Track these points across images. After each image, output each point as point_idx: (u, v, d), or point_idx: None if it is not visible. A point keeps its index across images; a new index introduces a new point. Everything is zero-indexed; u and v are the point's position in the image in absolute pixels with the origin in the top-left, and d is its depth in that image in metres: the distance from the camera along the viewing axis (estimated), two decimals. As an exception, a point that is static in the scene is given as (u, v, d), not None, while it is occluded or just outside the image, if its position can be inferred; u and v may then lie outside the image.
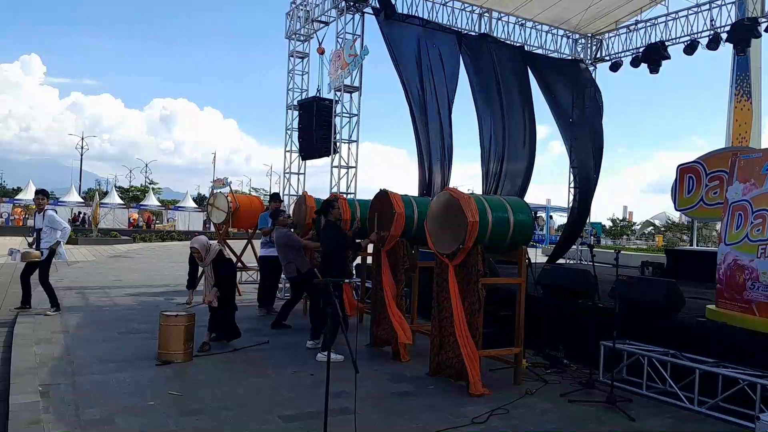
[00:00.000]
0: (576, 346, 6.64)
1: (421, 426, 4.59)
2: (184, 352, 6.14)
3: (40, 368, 5.69)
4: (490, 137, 13.85)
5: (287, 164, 14.57)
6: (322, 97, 13.46)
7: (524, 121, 14.29)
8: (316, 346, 6.70)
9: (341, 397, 4.96)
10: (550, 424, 4.76)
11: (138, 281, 12.89)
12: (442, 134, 12.96)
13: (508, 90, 14.03)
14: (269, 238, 9.27)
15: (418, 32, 13.04)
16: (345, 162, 12.59)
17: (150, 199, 48.66)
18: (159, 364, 5.97)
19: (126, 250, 24.09)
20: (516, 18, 15.34)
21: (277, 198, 10.05)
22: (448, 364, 5.81)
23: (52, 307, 8.60)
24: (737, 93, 17.33)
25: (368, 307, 7.79)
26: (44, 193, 9.10)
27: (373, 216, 7.25)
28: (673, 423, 4.92)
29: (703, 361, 5.27)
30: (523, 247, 6.01)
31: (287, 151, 14.54)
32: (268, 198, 11.12)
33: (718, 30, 13.36)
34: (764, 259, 5.42)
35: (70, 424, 4.29)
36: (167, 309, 7.12)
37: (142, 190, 56.09)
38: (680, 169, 11.26)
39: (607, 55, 16.41)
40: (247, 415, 4.65)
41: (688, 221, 32.85)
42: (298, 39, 14.77)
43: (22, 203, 42.86)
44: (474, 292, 5.62)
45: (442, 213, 5.96)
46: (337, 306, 3.90)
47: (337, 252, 6.92)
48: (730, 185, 6.02)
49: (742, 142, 16.80)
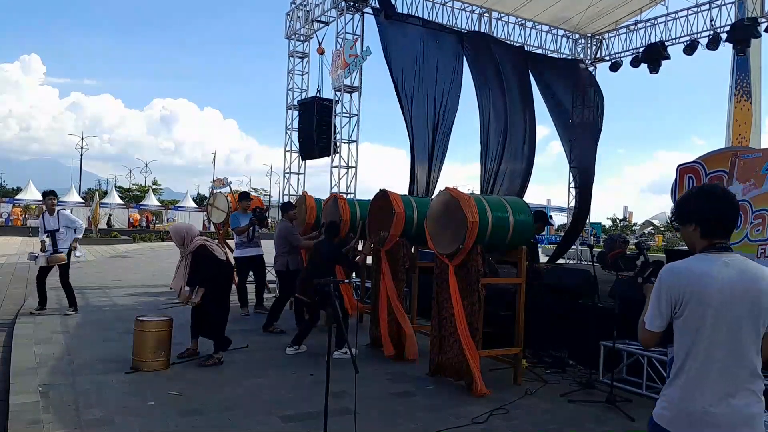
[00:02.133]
0: (576, 346, 6.64)
1: (421, 426, 4.59)
2: (154, 359, 5.72)
3: (40, 368, 5.69)
4: (489, 136, 13.85)
5: (287, 164, 14.58)
6: (322, 97, 13.48)
7: (525, 120, 14.30)
8: (297, 352, 6.59)
9: (341, 397, 4.96)
10: (550, 424, 4.77)
11: (138, 281, 12.89)
12: (443, 134, 12.97)
13: (509, 89, 14.04)
14: (245, 238, 9.02)
15: (420, 32, 13.05)
16: (345, 162, 12.60)
17: (150, 199, 48.70)
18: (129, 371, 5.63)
19: (126, 250, 24.08)
20: (516, 18, 15.35)
21: (247, 197, 9.74)
22: (448, 364, 5.81)
23: (71, 307, 8.54)
24: (737, 93, 17.31)
25: (368, 307, 7.78)
26: (54, 193, 8.90)
27: (372, 222, 7.21)
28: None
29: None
30: (523, 247, 6.02)
31: (287, 151, 14.55)
32: (267, 198, 11.08)
33: (717, 30, 13.38)
34: (764, 259, 5.42)
35: (70, 424, 4.29)
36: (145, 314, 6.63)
37: (144, 189, 56.11)
38: (680, 169, 11.25)
39: (607, 55, 16.42)
40: (247, 416, 4.65)
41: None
42: (298, 39, 14.78)
43: (22, 203, 42.86)
44: (474, 292, 5.62)
45: (442, 213, 5.96)
46: (337, 306, 3.90)
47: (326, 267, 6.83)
48: (729, 185, 6.03)
49: (741, 142, 16.77)
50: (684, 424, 2.19)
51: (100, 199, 39.51)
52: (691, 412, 2.18)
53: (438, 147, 12.94)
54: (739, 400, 2.16)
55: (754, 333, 2.19)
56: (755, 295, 2.18)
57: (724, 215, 2.26)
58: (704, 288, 2.17)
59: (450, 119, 13.12)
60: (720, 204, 2.27)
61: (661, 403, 2.29)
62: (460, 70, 13.44)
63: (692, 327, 2.20)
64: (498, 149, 13.84)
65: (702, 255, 2.25)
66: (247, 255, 9.11)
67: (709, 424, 2.15)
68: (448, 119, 13.10)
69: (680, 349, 2.25)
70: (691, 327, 2.20)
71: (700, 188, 2.38)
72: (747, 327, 2.18)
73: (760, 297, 2.18)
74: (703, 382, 2.18)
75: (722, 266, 2.19)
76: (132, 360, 5.78)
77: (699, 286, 2.18)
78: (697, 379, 2.19)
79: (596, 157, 15.53)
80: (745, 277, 2.19)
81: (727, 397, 2.15)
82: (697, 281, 2.19)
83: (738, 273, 2.19)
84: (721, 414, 2.15)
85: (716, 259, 2.21)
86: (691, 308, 2.19)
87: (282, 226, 8.42)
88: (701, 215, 2.27)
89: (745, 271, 2.20)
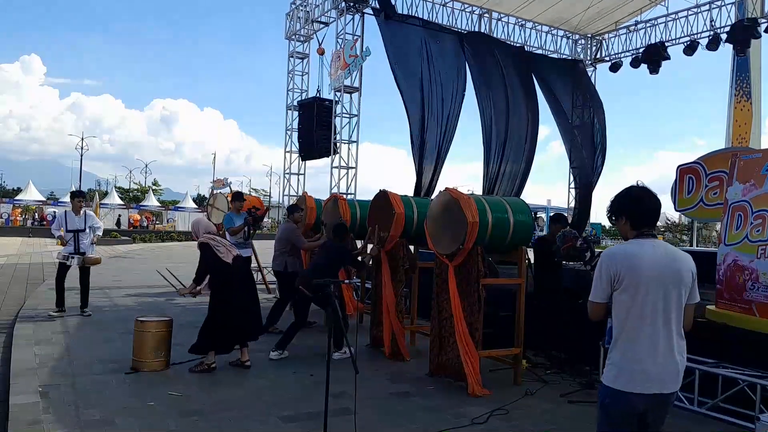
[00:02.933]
0: (576, 346, 6.63)
1: (420, 426, 4.59)
2: (154, 360, 5.71)
3: (41, 369, 5.69)
4: (492, 136, 13.83)
5: (287, 165, 14.59)
6: (322, 98, 13.48)
7: (527, 120, 14.29)
8: (281, 356, 6.52)
9: (341, 397, 4.96)
10: (550, 425, 4.77)
11: (138, 282, 12.89)
12: (443, 134, 12.96)
13: (511, 89, 14.04)
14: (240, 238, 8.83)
15: (420, 32, 13.04)
16: (345, 162, 12.60)
17: (150, 200, 48.69)
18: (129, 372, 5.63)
19: (126, 251, 24.08)
20: (516, 18, 15.35)
21: (240, 197, 9.57)
22: (448, 365, 5.81)
23: (86, 308, 8.53)
24: (737, 94, 17.31)
25: (368, 308, 7.78)
26: (82, 194, 8.91)
27: (372, 226, 7.20)
28: (672, 423, 4.90)
29: (702, 361, 5.27)
30: (523, 247, 6.02)
31: (287, 151, 14.56)
32: (268, 199, 11.06)
33: (717, 30, 13.38)
34: (764, 259, 5.42)
35: (70, 425, 4.29)
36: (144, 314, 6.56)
37: (144, 190, 56.09)
38: (680, 170, 11.24)
39: (607, 55, 16.42)
40: (247, 416, 4.65)
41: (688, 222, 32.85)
42: (298, 39, 14.79)
43: (22, 203, 42.84)
44: (474, 292, 5.62)
45: (441, 213, 5.96)
46: (337, 306, 3.90)
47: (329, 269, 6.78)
48: (730, 186, 6.02)
49: (741, 142, 16.77)
50: (625, 380, 2.63)
51: (100, 200, 39.49)
52: (632, 369, 2.62)
53: (441, 147, 12.94)
54: (669, 358, 2.63)
55: (679, 301, 2.66)
56: (677, 269, 2.66)
57: (647, 209, 2.73)
58: (637, 264, 2.63)
59: (453, 120, 13.09)
60: (643, 200, 2.74)
61: (606, 366, 2.74)
62: (463, 71, 13.42)
63: (628, 297, 2.64)
64: (499, 150, 13.84)
65: (633, 240, 2.72)
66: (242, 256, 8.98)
67: (647, 379, 2.60)
68: (452, 120, 13.08)
69: (618, 317, 2.70)
70: (628, 297, 2.64)
71: (627, 189, 2.84)
72: (673, 295, 2.64)
73: (681, 272, 2.66)
74: (639, 344, 2.62)
75: (650, 248, 2.66)
76: (132, 360, 5.77)
77: (632, 263, 2.64)
78: (634, 341, 2.64)
79: (596, 157, 15.52)
80: (669, 257, 2.68)
81: (659, 356, 2.61)
82: (630, 259, 2.65)
83: (663, 253, 2.67)
84: (656, 371, 2.61)
85: (645, 243, 2.68)
86: (627, 282, 2.63)
87: (286, 226, 8.45)
88: (630, 211, 2.75)
89: (669, 252, 2.71)
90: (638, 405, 2.63)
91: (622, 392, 2.63)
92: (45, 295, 9.91)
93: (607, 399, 2.71)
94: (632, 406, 2.64)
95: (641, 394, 2.60)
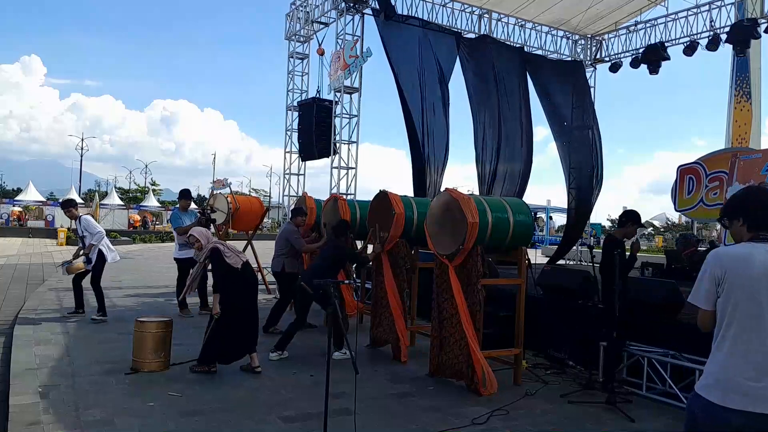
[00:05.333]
0: (576, 346, 6.63)
1: (420, 427, 4.58)
2: (154, 360, 5.69)
3: (40, 369, 5.68)
4: (485, 138, 13.83)
5: (287, 165, 14.59)
6: (322, 98, 13.49)
7: (521, 122, 14.31)
8: (281, 357, 6.50)
9: (341, 397, 4.95)
10: (549, 425, 4.76)
11: (138, 282, 12.88)
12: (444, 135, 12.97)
13: (506, 91, 14.05)
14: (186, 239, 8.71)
15: (418, 33, 13.05)
16: (345, 163, 12.61)
17: (150, 200, 48.68)
18: (129, 372, 5.61)
19: (125, 251, 24.07)
20: (516, 19, 15.36)
21: (187, 195, 9.37)
22: (448, 365, 5.81)
23: (99, 312, 8.22)
24: (737, 94, 17.34)
25: (368, 308, 7.78)
26: (69, 203, 8.65)
27: (373, 226, 7.20)
28: (672, 424, 4.91)
29: (702, 361, 5.26)
30: (523, 247, 6.02)
31: (287, 152, 14.56)
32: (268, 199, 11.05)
33: (717, 31, 13.39)
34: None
35: (70, 425, 4.29)
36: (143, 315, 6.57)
37: (144, 190, 56.08)
38: (680, 170, 11.28)
39: (607, 56, 16.43)
40: (247, 416, 4.65)
41: (688, 222, 32.85)
42: (297, 40, 14.79)
43: (22, 204, 42.84)
44: (474, 292, 5.62)
45: (441, 214, 5.96)
46: (337, 306, 3.90)
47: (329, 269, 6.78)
48: (730, 186, 6.03)
49: (741, 143, 16.79)
50: (721, 393, 2.38)
51: (100, 200, 39.50)
52: (730, 382, 2.37)
53: (441, 148, 12.94)
54: None
55: None
56: None
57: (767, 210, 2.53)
58: (744, 269, 2.40)
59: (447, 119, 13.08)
60: (764, 201, 2.55)
61: (703, 375, 2.52)
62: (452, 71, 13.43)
63: (731, 304, 2.41)
64: (493, 150, 13.82)
65: (747, 243, 2.50)
66: (188, 256, 8.38)
67: (748, 396, 2.33)
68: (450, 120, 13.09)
69: (719, 325, 2.47)
70: (730, 304, 2.41)
71: (746, 189, 2.69)
72: None
73: None
74: (740, 357, 2.38)
75: (764, 252, 2.41)
76: (132, 361, 5.76)
77: (739, 267, 2.41)
78: (735, 354, 2.39)
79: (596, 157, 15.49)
80: None
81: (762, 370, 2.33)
82: (738, 263, 2.42)
83: None
84: (757, 387, 2.32)
85: (759, 247, 2.44)
86: (730, 287, 2.40)
87: (286, 228, 8.47)
88: (747, 211, 2.54)
89: None
90: (733, 421, 2.37)
91: (717, 405, 2.39)
92: (45, 295, 9.92)
93: (698, 410, 2.48)
94: (726, 423, 2.38)
95: (737, 410, 2.35)
